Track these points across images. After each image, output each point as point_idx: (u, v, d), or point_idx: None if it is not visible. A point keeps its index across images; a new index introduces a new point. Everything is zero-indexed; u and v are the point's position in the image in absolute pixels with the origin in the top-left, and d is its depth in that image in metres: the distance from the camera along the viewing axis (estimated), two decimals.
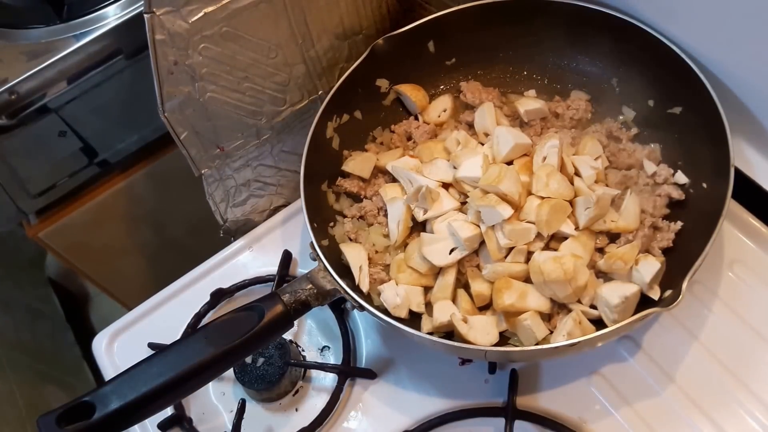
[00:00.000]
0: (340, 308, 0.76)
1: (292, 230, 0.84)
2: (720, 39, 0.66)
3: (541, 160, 0.70)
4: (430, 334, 0.65)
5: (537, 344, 0.62)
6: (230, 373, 0.72)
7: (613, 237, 0.68)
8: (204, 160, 0.77)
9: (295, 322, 0.64)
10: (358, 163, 0.78)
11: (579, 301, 0.64)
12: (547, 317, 0.65)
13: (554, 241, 0.67)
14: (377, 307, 0.66)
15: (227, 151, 0.78)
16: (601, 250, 0.68)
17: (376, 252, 0.73)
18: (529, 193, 0.68)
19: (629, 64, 0.76)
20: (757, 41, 0.62)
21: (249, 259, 0.84)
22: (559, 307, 0.65)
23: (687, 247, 0.62)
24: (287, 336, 0.76)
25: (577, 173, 0.70)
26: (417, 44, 0.81)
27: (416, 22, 0.79)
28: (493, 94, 0.81)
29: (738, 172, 0.65)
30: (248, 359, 0.72)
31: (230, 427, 0.70)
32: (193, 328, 0.78)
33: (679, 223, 0.67)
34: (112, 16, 0.90)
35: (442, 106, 0.82)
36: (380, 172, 0.79)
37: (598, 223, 0.67)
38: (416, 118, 0.82)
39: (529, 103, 0.78)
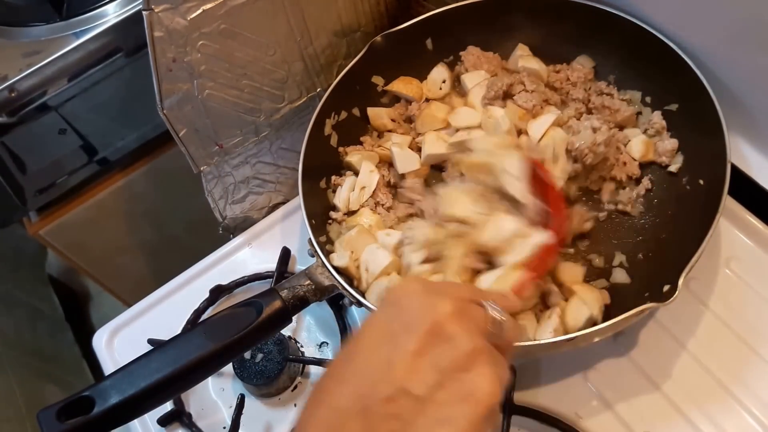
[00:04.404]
0: (338, 304, 0.76)
1: (290, 227, 0.85)
2: (717, 36, 0.67)
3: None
4: None
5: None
6: (229, 368, 0.73)
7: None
8: (203, 158, 0.77)
9: (294, 318, 0.64)
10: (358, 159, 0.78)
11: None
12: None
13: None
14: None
15: (226, 149, 0.79)
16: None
17: None
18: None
19: (627, 61, 0.76)
20: (755, 38, 0.63)
21: (248, 256, 0.84)
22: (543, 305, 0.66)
23: (684, 243, 0.62)
24: (286, 332, 0.76)
25: None
26: (415, 41, 0.81)
27: (414, 19, 0.80)
28: (494, 62, 0.80)
29: (735, 169, 0.65)
30: (247, 355, 0.72)
31: (229, 422, 0.71)
32: (192, 324, 0.78)
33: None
34: (111, 14, 0.90)
35: (440, 77, 0.81)
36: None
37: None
38: None
39: (527, 62, 0.78)
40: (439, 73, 0.82)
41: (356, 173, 0.77)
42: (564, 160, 0.69)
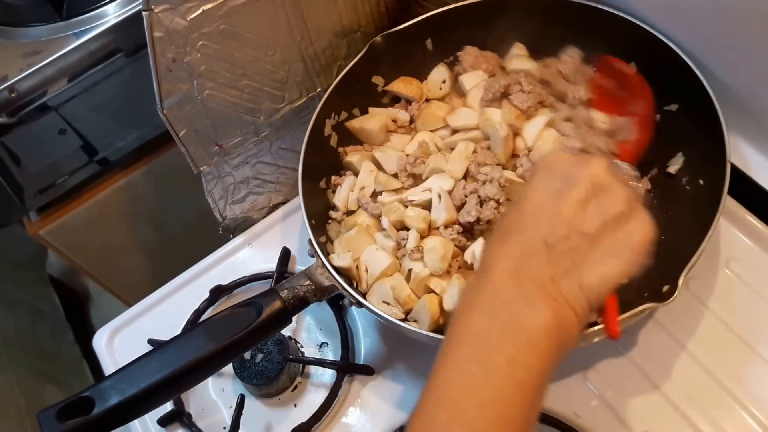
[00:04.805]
0: (338, 305, 0.76)
1: (290, 227, 0.85)
2: (717, 35, 0.66)
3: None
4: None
5: None
6: (229, 368, 0.73)
7: None
8: (203, 158, 0.77)
9: (294, 319, 0.64)
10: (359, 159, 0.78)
11: None
12: None
13: None
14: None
15: (226, 149, 0.79)
16: None
17: None
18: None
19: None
20: (755, 38, 0.63)
21: (248, 256, 0.84)
22: None
23: (683, 243, 0.62)
24: (286, 332, 0.76)
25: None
26: (415, 42, 0.81)
27: (414, 19, 0.80)
28: (492, 62, 0.80)
29: (735, 169, 0.65)
30: (247, 355, 0.72)
31: (229, 423, 0.71)
32: (192, 324, 0.78)
33: None
34: (111, 14, 0.90)
35: (439, 77, 0.81)
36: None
37: None
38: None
39: (520, 63, 0.79)
40: (439, 73, 0.81)
41: (356, 173, 0.77)
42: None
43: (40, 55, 0.87)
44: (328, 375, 0.74)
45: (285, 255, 0.81)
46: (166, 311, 0.81)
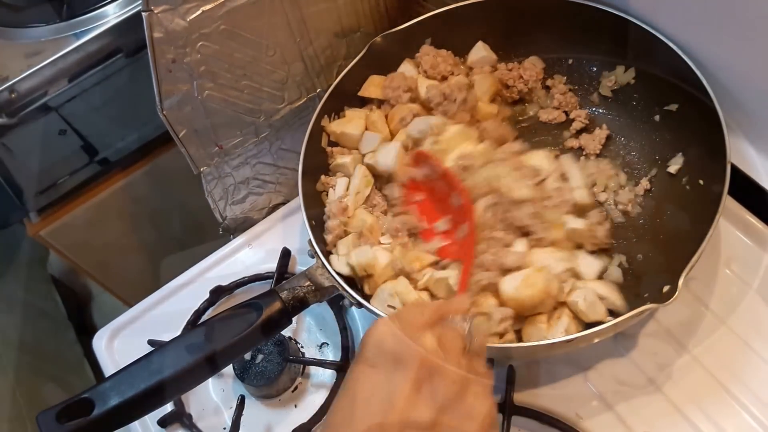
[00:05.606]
0: (338, 305, 0.76)
1: (291, 228, 0.85)
2: (718, 35, 0.66)
3: None
4: None
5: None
6: (230, 369, 0.73)
7: None
8: (203, 158, 0.77)
9: (294, 319, 0.64)
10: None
11: None
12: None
13: None
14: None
15: (226, 149, 0.79)
16: None
17: None
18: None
19: (627, 61, 0.76)
20: (754, 38, 0.63)
21: (248, 257, 0.84)
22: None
23: (684, 243, 0.62)
24: (286, 333, 0.76)
25: None
26: (415, 42, 0.81)
27: (414, 19, 0.80)
28: (449, 60, 0.80)
29: (735, 169, 0.65)
30: (247, 356, 0.72)
31: (230, 423, 0.71)
32: (192, 325, 0.78)
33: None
34: (111, 15, 0.90)
35: (407, 74, 0.80)
36: None
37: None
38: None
39: (477, 52, 0.80)
40: (406, 70, 0.80)
41: (347, 175, 0.76)
42: None
43: (41, 55, 0.87)
44: (328, 375, 0.74)
45: (285, 255, 0.81)
46: (167, 312, 0.81)
